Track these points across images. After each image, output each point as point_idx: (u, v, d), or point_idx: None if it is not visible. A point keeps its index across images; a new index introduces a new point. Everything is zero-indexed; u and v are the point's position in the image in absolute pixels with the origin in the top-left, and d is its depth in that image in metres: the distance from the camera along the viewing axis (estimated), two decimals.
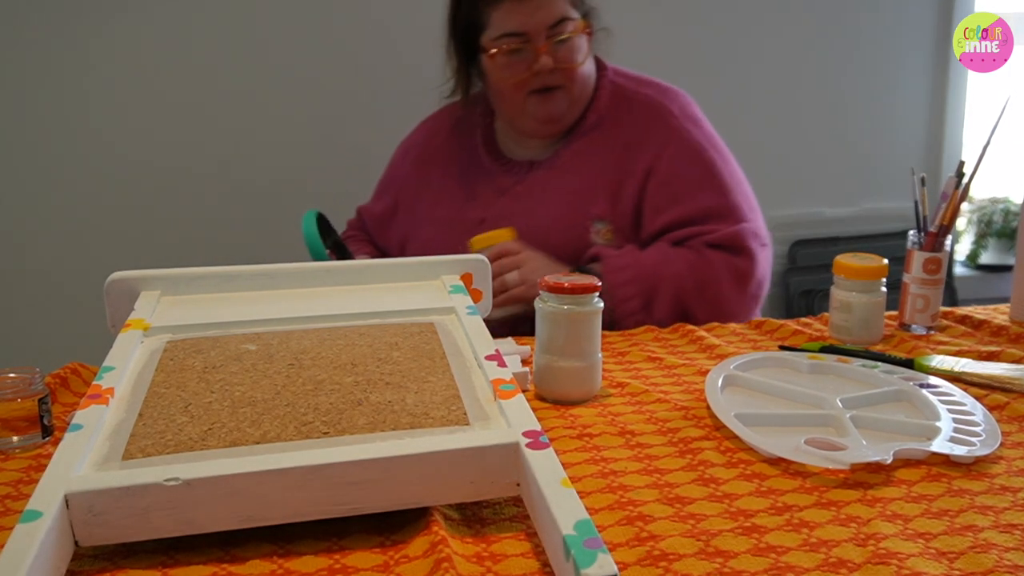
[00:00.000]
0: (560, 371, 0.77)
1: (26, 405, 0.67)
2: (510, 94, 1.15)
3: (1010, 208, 2.64)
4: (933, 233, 1.01)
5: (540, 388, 0.78)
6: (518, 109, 1.16)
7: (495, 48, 1.12)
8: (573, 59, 1.13)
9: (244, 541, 0.53)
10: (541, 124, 1.17)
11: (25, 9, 1.90)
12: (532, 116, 1.16)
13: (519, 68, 1.12)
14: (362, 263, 0.82)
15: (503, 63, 1.12)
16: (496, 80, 1.15)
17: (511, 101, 1.16)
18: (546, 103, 1.15)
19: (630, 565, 0.51)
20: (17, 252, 1.97)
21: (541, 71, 1.12)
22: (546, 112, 1.15)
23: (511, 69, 1.13)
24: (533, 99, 1.14)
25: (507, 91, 1.15)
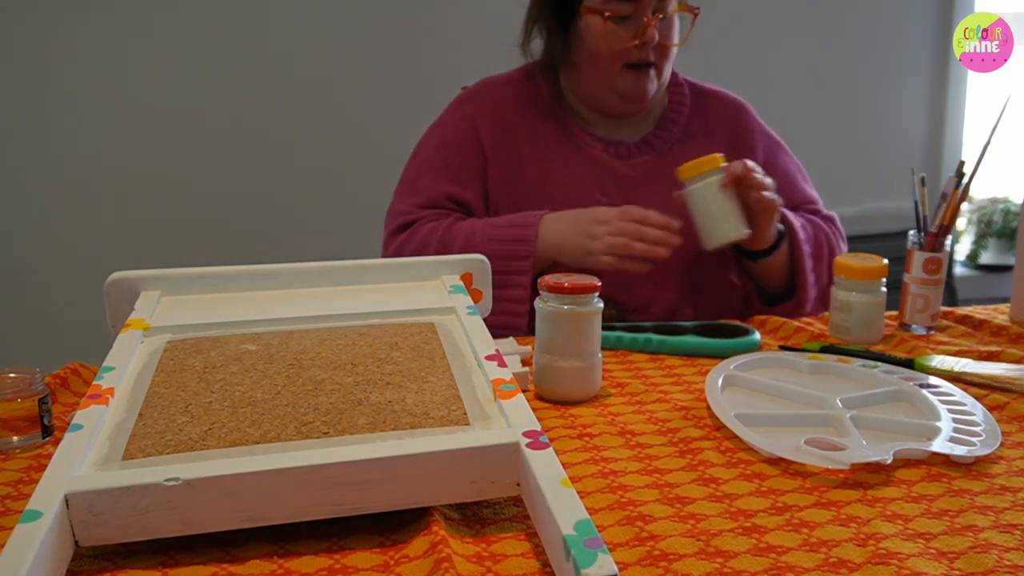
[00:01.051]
0: (560, 371, 0.77)
1: (26, 405, 0.67)
2: (604, 64, 1.10)
3: (1010, 208, 2.64)
4: (933, 233, 1.01)
5: (540, 388, 0.79)
6: (607, 82, 1.12)
7: (607, 11, 1.07)
8: (671, 39, 1.12)
9: (244, 541, 0.53)
10: (625, 101, 1.13)
11: (25, 9, 1.90)
12: (620, 91, 1.12)
13: (622, 37, 1.08)
14: (362, 263, 0.82)
15: (607, 29, 1.07)
16: (593, 47, 1.10)
17: (603, 72, 1.11)
18: (638, 80, 1.11)
19: (630, 565, 0.51)
20: (17, 252, 1.97)
21: (646, 43, 1.08)
22: (636, 89, 1.12)
23: (614, 37, 1.08)
24: (627, 74, 1.11)
25: (602, 60, 1.10)
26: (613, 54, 1.09)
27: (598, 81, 1.13)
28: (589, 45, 1.10)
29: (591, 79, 1.14)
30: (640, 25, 1.08)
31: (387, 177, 2.22)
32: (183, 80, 2.02)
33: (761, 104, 1.31)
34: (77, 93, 1.96)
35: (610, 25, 1.08)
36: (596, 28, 1.09)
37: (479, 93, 1.22)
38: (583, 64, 1.13)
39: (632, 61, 1.10)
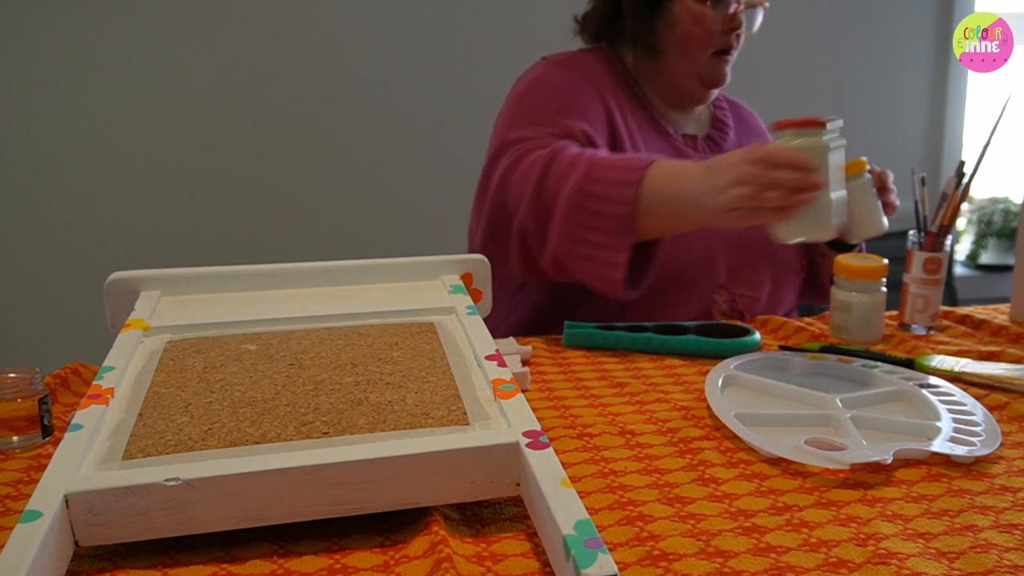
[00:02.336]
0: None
1: (26, 405, 0.67)
2: (695, 48, 1.10)
3: (1010, 208, 2.64)
4: (933, 233, 1.01)
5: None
6: (694, 67, 1.12)
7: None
8: (751, 26, 1.13)
9: (244, 541, 0.53)
10: (705, 88, 1.14)
11: (25, 9, 1.90)
12: (704, 77, 1.12)
13: (716, 21, 1.08)
14: (362, 263, 0.82)
15: (703, 14, 1.08)
16: (686, 30, 1.09)
17: (692, 56, 1.11)
18: (721, 66, 1.12)
19: (630, 565, 0.51)
20: (17, 252, 1.97)
21: (734, 29, 1.10)
22: (719, 76, 1.13)
23: (707, 22, 1.08)
24: (713, 60, 1.11)
25: (693, 44, 1.10)
26: (706, 38, 1.09)
27: (684, 65, 1.12)
28: (682, 29, 1.10)
29: (678, 63, 1.12)
30: (727, 11, 1.09)
31: (388, 177, 2.23)
32: (184, 80, 2.02)
33: (761, 104, 1.31)
34: (77, 93, 1.96)
35: (705, 9, 1.08)
36: (691, 11, 1.08)
37: (577, 60, 1.15)
38: (671, 48, 1.12)
39: (720, 47, 1.11)
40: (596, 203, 0.91)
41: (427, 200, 2.18)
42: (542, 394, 0.80)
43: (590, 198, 0.91)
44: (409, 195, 2.19)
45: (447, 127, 2.17)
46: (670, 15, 1.10)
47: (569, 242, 0.93)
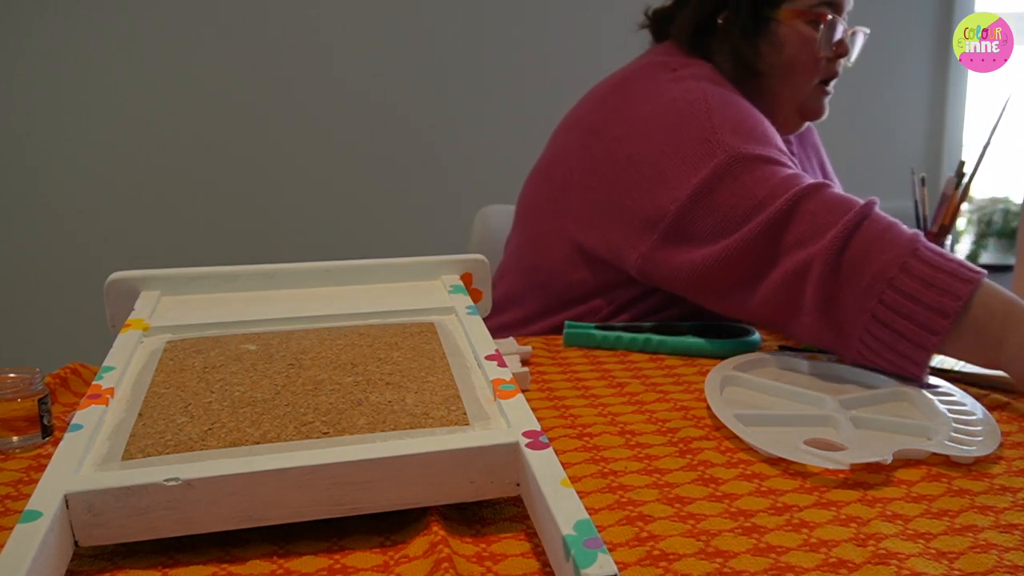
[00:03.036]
0: None
1: (26, 405, 0.67)
2: (803, 74, 1.04)
3: (1010, 208, 2.64)
4: (933, 233, 1.01)
5: None
6: (797, 95, 1.05)
7: (810, 13, 1.01)
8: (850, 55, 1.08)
9: (244, 541, 0.53)
10: (803, 118, 1.08)
11: (25, 8, 1.90)
12: (804, 108, 1.07)
13: (824, 46, 1.03)
14: (362, 263, 0.82)
15: (812, 37, 1.02)
16: (794, 54, 1.02)
17: (799, 83, 1.04)
18: (823, 98, 1.07)
19: (630, 565, 0.51)
20: (17, 252, 1.97)
21: (840, 55, 1.04)
22: (819, 108, 1.07)
23: (815, 46, 1.02)
24: (816, 90, 1.06)
25: (801, 68, 1.03)
26: (813, 64, 1.04)
27: (788, 92, 1.06)
28: (790, 52, 1.03)
29: (782, 90, 1.05)
30: (835, 36, 1.04)
31: (388, 177, 2.23)
32: (184, 80, 2.02)
33: None
34: (77, 93, 1.96)
35: (811, 31, 1.02)
36: (803, 34, 1.03)
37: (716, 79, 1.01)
38: (775, 73, 1.04)
39: (826, 75, 1.06)
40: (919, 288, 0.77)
41: (427, 200, 2.18)
42: (542, 394, 0.80)
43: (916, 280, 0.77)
44: (409, 195, 2.19)
45: (447, 127, 2.17)
46: (776, 37, 1.03)
47: (868, 318, 0.79)
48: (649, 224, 0.92)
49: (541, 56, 1.21)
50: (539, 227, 1.09)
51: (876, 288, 0.77)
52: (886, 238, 0.79)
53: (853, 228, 0.80)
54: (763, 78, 1.04)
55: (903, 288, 0.76)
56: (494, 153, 2.15)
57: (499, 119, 2.14)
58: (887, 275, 0.77)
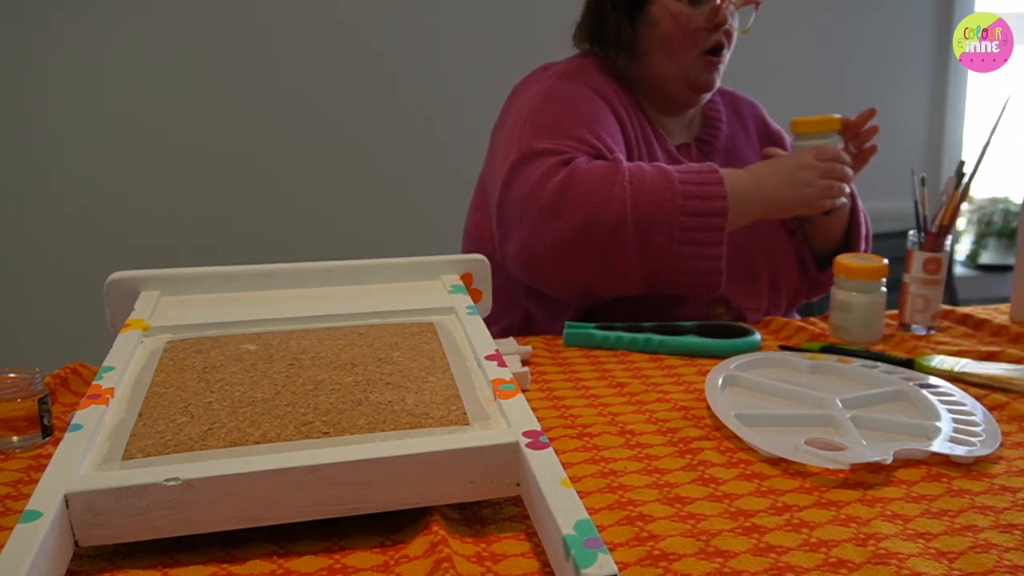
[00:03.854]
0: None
1: (26, 405, 0.67)
2: (679, 48, 1.08)
3: (1010, 208, 2.64)
4: (933, 233, 1.01)
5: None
6: (680, 69, 1.09)
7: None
8: (733, 27, 1.10)
9: (244, 541, 0.53)
10: (694, 91, 1.12)
11: (25, 7, 1.90)
12: (691, 81, 1.10)
13: (697, 18, 1.06)
14: (362, 263, 0.82)
15: (682, 11, 1.06)
16: (667, 31, 1.07)
17: (678, 58, 1.08)
18: (710, 69, 1.10)
19: (630, 565, 0.51)
20: (17, 252, 1.97)
21: (719, 25, 1.07)
22: (707, 80, 1.10)
23: (689, 20, 1.06)
24: (701, 61, 1.09)
25: (677, 44, 1.07)
26: (688, 37, 1.07)
27: (669, 68, 1.10)
28: (663, 29, 1.08)
29: (663, 67, 1.10)
30: (712, 8, 1.07)
31: (388, 177, 2.23)
32: (184, 80, 2.02)
33: (761, 104, 1.31)
34: (77, 93, 1.96)
35: (685, 8, 1.06)
36: (670, 10, 1.07)
37: (582, 70, 1.12)
38: (655, 51, 1.10)
39: (707, 47, 1.09)
40: (697, 207, 0.95)
41: (427, 200, 2.17)
42: (542, 394, 0.80)
43: (691, 204, 0.95)
44: (409, 195, 2.19)
45: (447, 127, 2.17)
46: (649, 16, 1.09)
47: (677, 246, 0.95)
48: (495, 220, 1.04)
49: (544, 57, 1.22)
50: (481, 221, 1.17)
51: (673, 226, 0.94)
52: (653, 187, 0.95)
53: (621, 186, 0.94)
54: (645, 56, 1.11)
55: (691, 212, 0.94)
56: None
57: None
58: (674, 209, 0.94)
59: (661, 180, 0.95)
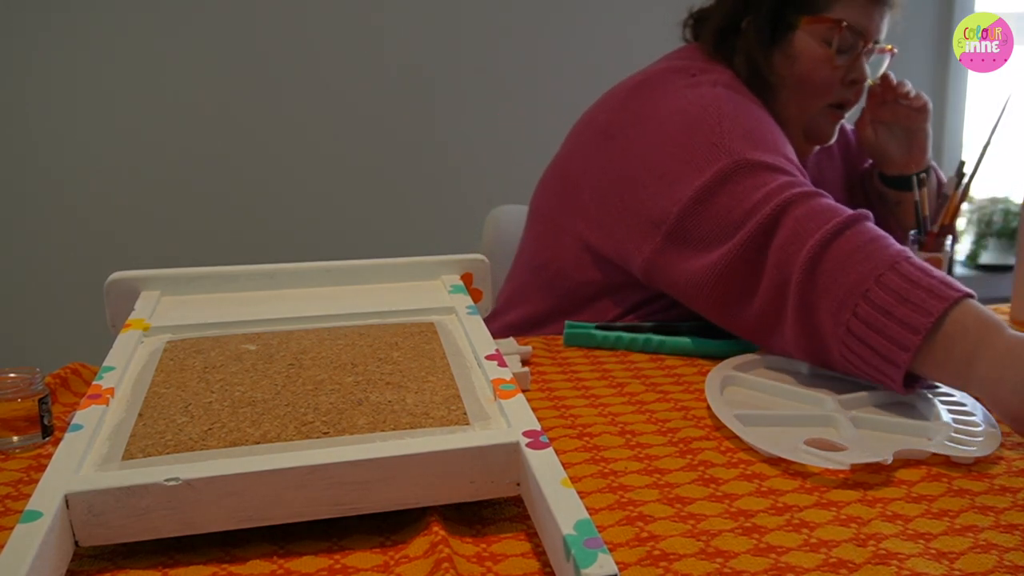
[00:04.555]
0: None
1: (26, 405, 0.67)
2: (812, 93, 1.02)
3: (1010, 208, 2.64)
4: (933, 233, 1.01)
5: None
6: (806, 113, 1.03)
7: (831, 33, 0.98)
8: (874, 73, 1.05)
9: (244, 541, 0.53)
10: (809, 141, 1.06)
11: (25, 7, 1.90)
12: (810, 130, 1.04)
13: (839, 67, 1.00)
14: (362, 263, 0.82)
15: (827, 55, 0.99)
16: (806, 69, 1.00)
17: (807, 102, 1.02)
18: (833, 123, 1.04)
19: (630, 565, 0.51)
20: (17, 252, 1.97)
21: (857, 81, 1.02)
22: (829, 131, 1.05)
23: (832, 67, 1.00)
24: (827, 112, 1.04)
25: (811, 86, 1.01)
26: (825, 84, 1.01)
27: (795, 108, 1.03)
28: (802, 67, 1.01)
29: (788, 106, 1.03)
30: (854, 60, 1.01)
31: (388, 177, 2.23)
32: (183, 80, 2.02)
33: None
34: (77, 92, 1.96)
35: (830, 52, 1.00)
36: (817, 52, 1.00)
37: (736, 87, 1.00)
38: (785, 87, 1.02)
39: (838, 99, 1.03)
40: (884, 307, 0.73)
41: (427, 200, 2.17)
42: (542, 394, 0.80)
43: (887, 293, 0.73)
44: (409, 195, 2.19)
45: (447, 127, 2.17)
46: (791, 47, 1.01)
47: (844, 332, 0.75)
48: (653, 226, 0.90)
49: (554, 56, 1.21)
50: (550, 225, 1.06)
51: (851, 300, 0.73)
52: (868, 250, 0.75)
53: (832, 236, 0.76)
54: (774, 90, 1.02)
55: (877, 302, 0.72)
56: (506, 153, 2.15)
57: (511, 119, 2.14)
58: (863, 287, 0.73)
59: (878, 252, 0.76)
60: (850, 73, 1.01)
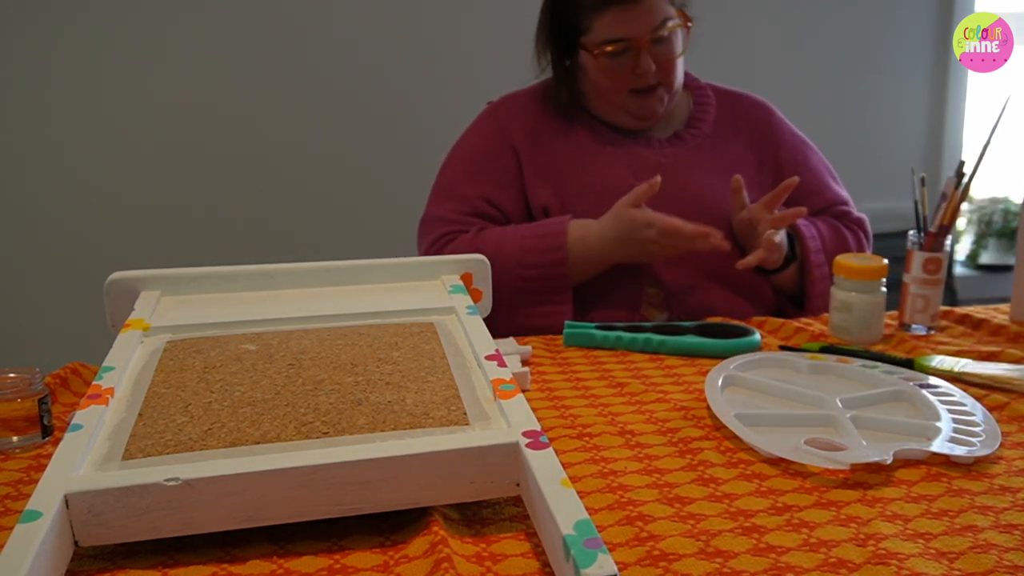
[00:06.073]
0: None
1: (26, 405, 0.67)
2: (608, 93, 1.15)
3: (1010, 208, 2.64)
4: (933, 233, 1.01)
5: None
6: (615, 106, 1.16)
7: (598, 51, 1.11)
8: (672, 54, 1.14)
9: (244, 541, 0.53)
10: (636, 120, 1.17)
11: (25, 7, 1.90)
12: (629, 113, 1.16)
13: (622, 70, 1.12)
14: (362, 263, 0.82)
15: (606, 65, 1.12)
16: (595, 78, 1.14)
17: (608, 100, 1.16)
18: (645, 102, 1.14)
19: (630, 565, 0.51)
20: (17, 252, 1.97)
21: (644, 73, 1.11)
22: (644, 110, 1.15)
23: (613, 72, 1.12)
24: (633, 98, 1.14)
25: (605, 90, 1.15)
26: (616, 85, 1.13)
27: (605, 107, 1.17)
28: (591, 76, 1.14)
29: (599, 105, 1.17)
30: (635, 56, 1.10)
31: (388, 177, 2.23)
32: (184, 80, 2.02)
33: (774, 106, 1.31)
34: (77, 92, 1.96)
35: (608, 61, 1.11)
36: (596, 64, 1.12)
37: (505, 104, 1.24)
38: (591, 92, 1.16)
39: (636, 87, 1.13)
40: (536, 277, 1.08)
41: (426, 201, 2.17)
42: (542, 394, 0.80)
43: (529, 273, 1.08)
44: (410, 196, 2.19)
45: (447, 127, 2.17)
46: (579, 62, 1.15)
47: (522, 317, 1.09)
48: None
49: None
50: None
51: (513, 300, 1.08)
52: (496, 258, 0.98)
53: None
54: (585, 96, 1.18)
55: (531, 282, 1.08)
56: None
57: None
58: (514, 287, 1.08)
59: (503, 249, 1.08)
60: (636, 69, 1.11)
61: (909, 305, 1.02)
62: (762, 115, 1.25)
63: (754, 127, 1.24)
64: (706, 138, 1.20)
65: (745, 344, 0.91)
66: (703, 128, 1.21)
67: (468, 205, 1.16)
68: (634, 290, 1.12)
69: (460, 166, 1.21)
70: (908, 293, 1.02)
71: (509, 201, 1.17)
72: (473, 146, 1.22)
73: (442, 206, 1.18)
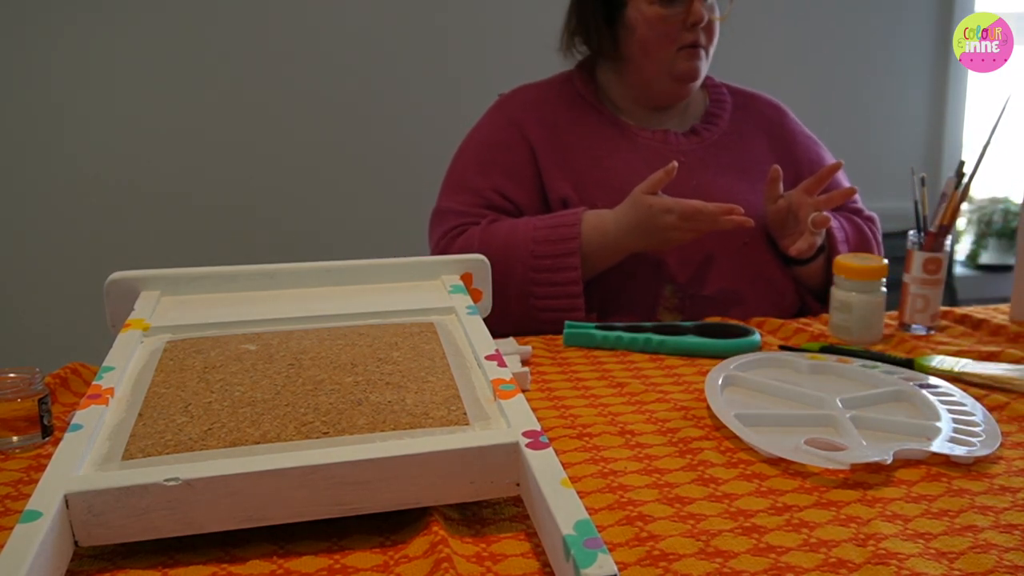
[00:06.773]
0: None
1: (26, 405, 0.67)
2: (657, 49, 1.13)
3: (1010, 208, 2.64)
4: (933, 233, 1.01)
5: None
6: (663, 66, 1.14)
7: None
8: (716, 12, 1.14)
9: (244, 541, 0.53)
10: (679, 82, 1.16)
11: (24, 9, 1.90)
12: (676, 74, 1.14)
13: (672, 20, 1.11)
14: (362, 263, 0.82)
15: (657, 15, 1.10)
16: (644, 34, 1.12)
17: (657, 57, 1.13)
18: (691, 60, 1.14)
19: (630, 565, 0.51)
20: (17, 252, 1.97)
21: (695, 23, 1.11)
22: (691, 69, 1.14)
23: (665, 23, 1.11)
24: (682, 54, 1.13)
25: (655, 46, 1.13)
26: (666, 38, 1.12)
27: (652, 68, 1.15)
28: (641, 33, 1.13)
29: (645, 67, 1.15)
30: (687, 6, 1.10)
31: (388, 177, 2.23)
32: (183, 80, 2.02)
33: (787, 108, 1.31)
34: (76, 93, 1.96)
35: (659, 9, 1.11)
36: (646, 15, 1.11)
37: (518, 96, 1.23)
38: (635, 54, 1.15)
39: (685, 43, 1.13)
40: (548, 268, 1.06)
41: (428, 200, 2.17)
42: (542, 394, 0.80)
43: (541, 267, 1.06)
44: (409, 195, 2.19)
45: (448, 127, 2.17)
46: (627, 21, 1.14)
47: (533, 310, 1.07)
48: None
49: (546, 56, 1.22)
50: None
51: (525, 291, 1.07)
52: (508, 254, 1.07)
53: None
54: (627, 63, 1.17)
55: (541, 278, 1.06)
56: None
57: None
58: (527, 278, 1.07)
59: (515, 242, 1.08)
60: (685, 20, 1.11)
61: (909, 305, 1.02)
62: (775, 115, 1.27)
63: (769, 126, 1.25)
64: (723, 134, 1.21)
65: (745, 344, 0.91)
66: (720, 124, 1.22)
67: (479, 197, 1.15)
68: (650, 293, 1.11)
69: (471, 158, 1.20)
70: (908, 293, 1.02)
71: (521, 193, 1.15)
72: (484, 138, 1.21)
73: (453, 198, 1.17)
